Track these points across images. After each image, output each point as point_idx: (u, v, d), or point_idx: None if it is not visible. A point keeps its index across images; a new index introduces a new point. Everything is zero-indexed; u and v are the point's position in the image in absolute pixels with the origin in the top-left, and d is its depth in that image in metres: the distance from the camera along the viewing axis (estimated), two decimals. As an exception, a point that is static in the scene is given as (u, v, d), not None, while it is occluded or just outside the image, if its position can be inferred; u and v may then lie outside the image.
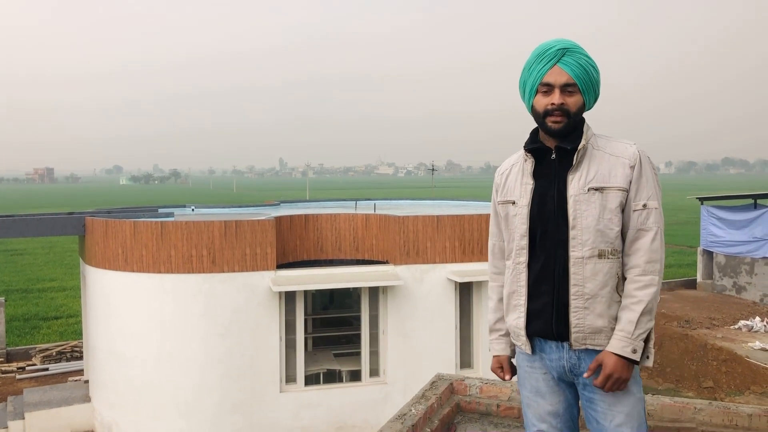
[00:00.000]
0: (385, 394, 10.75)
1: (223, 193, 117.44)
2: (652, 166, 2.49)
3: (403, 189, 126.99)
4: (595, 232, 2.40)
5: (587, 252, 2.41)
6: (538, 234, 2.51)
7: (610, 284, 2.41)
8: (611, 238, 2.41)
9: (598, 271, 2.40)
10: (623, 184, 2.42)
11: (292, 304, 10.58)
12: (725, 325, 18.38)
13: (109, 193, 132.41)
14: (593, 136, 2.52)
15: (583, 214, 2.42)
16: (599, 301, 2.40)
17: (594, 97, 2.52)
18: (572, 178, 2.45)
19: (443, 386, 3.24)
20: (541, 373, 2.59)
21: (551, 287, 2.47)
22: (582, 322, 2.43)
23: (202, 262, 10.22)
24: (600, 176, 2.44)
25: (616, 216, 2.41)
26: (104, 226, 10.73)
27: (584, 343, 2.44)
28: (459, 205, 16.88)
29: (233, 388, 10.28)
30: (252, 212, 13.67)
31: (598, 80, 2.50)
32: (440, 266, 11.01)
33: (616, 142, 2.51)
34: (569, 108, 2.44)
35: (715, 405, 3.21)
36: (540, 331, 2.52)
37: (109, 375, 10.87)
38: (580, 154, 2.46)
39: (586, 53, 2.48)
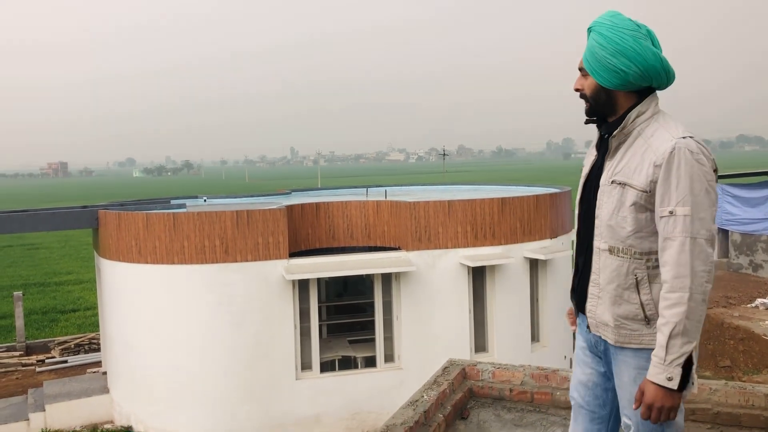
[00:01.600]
0: (401, 380, 10.78)
1: (235, 183, 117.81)
2: (694, 164, 2.16)
3: (414, 175, 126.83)
4: (607, 227, 2.34)
5: (603, 244, 2.36)
6: (585, 210, 2.50)
7: (617, 282, 2.32)
8: (622, 237, 2.29)
9: (608, 266, 2.34)
10: (643, 183, 2.24)
11: (306, 292, 10.61)
12: (742, 304, 18.25)
13: (123, 185, 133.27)
14: (648, 121, 2.30)
15: (603, 206, 2.36)
16: (606, 296, 2.36)
17: (613, 75, 2.28)
18: (607, 165, 2.38)
19: (455, 371, 3.22)
20: (579, 340, 2.62)
21: (581, 266, 2.50)
22: (594, 310, 2.42)
23: (215, 252, 10.26)
24: (626, 170, 2.30)
25: (631, 215, 2.27)
26: (117, 219, 10.78)
27: (597, 330, 2.43)
28: (471, 189, 16.80)
29: (249, 377, 10.35)
30: (263, 201, 13.68)
31: (605, 56, 2.27)
32: (452, 251, 10.98)
33: (664, 130, 2.25)
34: (585, 91, 2.38)
35: (731, 385, 3.17)
36: (574, 300, 2.58)
37: (126, 366, 10.98)
38: (616, 141, 2.35)
39: (602, 29, 2.30)
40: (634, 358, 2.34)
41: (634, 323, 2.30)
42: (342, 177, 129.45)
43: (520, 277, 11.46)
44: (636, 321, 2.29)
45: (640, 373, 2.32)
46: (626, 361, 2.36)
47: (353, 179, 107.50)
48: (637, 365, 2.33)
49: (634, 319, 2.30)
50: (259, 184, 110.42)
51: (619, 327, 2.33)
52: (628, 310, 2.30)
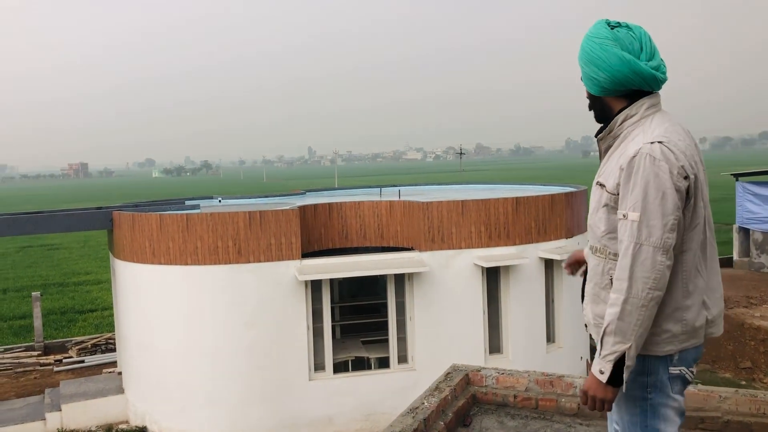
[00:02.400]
0: (414, 381, 10.70)
1: (253, 183, 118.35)
2: (651, 171, 2.16)
3: (431, 174, 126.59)
4: (589, 226, 2.44)
5: (588, 245, 2.47)
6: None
7: (594, 281, 2.39)
8: (598, 236, 2.37)
9: (590, 265, 2.44)
10: (612, 186, 2.28)
11: (319, 292, 10.58)
12: (763, 304, 17.95)
13: (142, 186, 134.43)
14: (635, 124, 2.32)
15: (590, 206, 2.45)
16: (588, 295, 2.44)
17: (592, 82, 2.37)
18: (600, 167, 2.47)
19: (458, 377, 3.16)
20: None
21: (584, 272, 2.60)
22: (584, 309, 2.50)
23: (228, 253, 10.26)
24: (606, 172, 2.37)
25: (604, 216, 2.33)
26: (131, 220, 10.83)
27: (589, 331, 2.49)
28: (486, 188, 16.69)
29: (263, 378, 10.34)
30: (277, 202, 13.69)
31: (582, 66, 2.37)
32: (466, 252, 10.89)
33: (642, 134, 2.27)
34: (588, 98, 2.46)
35: (741, 393, 3.08)
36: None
37: (141, 366, 11.03)
38: (605, 144, 2.42)
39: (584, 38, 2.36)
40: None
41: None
42: (359, 176, 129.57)
43: (535, 278, 11.35)
44: None
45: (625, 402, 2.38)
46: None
47: (370, 178, 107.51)
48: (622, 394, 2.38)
49: None
50: (276, 183, 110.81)
51: (597, 326, 2.38)
52: (603, 309, 2.34)
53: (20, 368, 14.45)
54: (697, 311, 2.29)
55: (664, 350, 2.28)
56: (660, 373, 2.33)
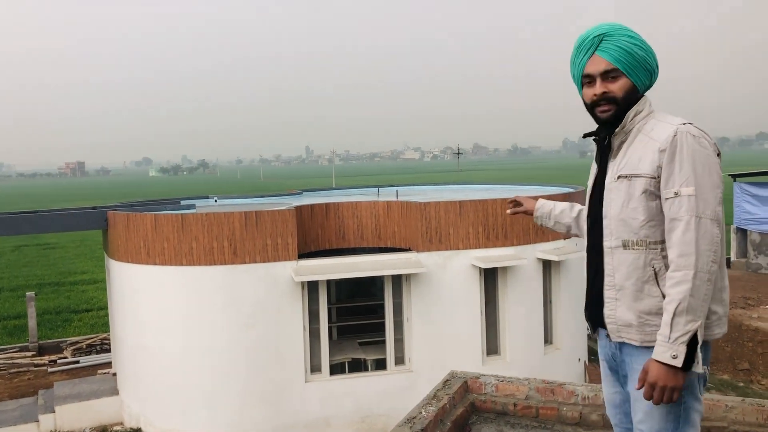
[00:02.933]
0: (411, 382, 10.64)
1: (250, 183, 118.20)
2: (696, 146, 2.22)
3: (429, 174, 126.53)
4: (618, 221, 2.35)
5: (614, 242, 2.37)
6: (592, 221, 2.53)
7: (636, 276, 2.31)
8: (635, 228, 2.31)
9: (623, 262, 2.34)
10: (649, 170, 2.27)
11: (315, 293, 10.50)
12: (761, 305, 17.91)
13: (139, 185, 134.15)
14: (645, 119, 2.37)
15: (612, 203, 2.38)
16: (626, 294, 2.34)
17: (646, 75, 2.38)
18: (610, 165, 2.42)
19: (457, 384, 3.08)
20: (601, 359, 2.62)
21: (593, 275, 2.50)
22: (614, 314, 2.39)
23: (224, 253, 10.17)
24: (630, 163, 2.34)
25: (641, 204, 2.29)
26: (126, 220, 10.73)
27: (619, 336, 2.39)
28: (483, 189, 16.63)
29: (259, 379, 10.26)
30: (273, 202, 13.60)
31: (645, 57, 2.34)
32: (463, 252, 10.82)
33: (664, 122, 2.32)
34: (615, 95, 2.36)
35: (748, 402, 3.00)
36: (589, 317, 2.57)
37: (136, 368, 10.93)
38: (618, 140, 2.40)
39: (629, 32, 2.35)
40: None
41: (657, 318, 2.27)
42: (357, 176, 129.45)
43: (533, 279, 11.28)
44: (659, 315, 2.27)
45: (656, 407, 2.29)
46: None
47: (368, 178, 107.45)
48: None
49: (657, 314, 2.28)
50: (274, 183, 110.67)
51: (643, 324, 2.31)
52: (650, 304, 2.29)
53: (14, 369, 14.33)
54: (728, 292, 2.32)
55: (714, 333, 2.28)
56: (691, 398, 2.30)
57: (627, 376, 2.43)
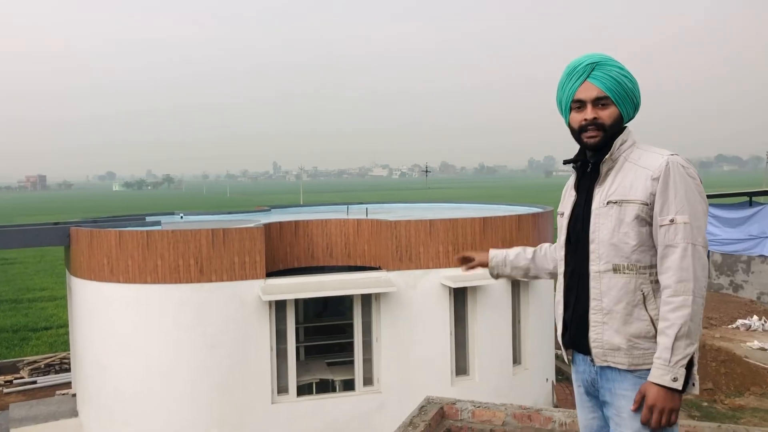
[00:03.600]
0: (380, 403, 10.52)
1: (216, 199, 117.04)
2: (687, 177, 2.31)
3: (397, 191, 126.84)
4: (609, 246, 2.37)
5: (603, 266, 2.39)
6: (572, 246, 2.55)
7: (626, 300, 2.34)
8: (626, 252, 2.34)
9: (613, 286, 2.36)
10: (642, 197, 2.33)
11: (283, 312, 10.34)
12: (723, 325, 18.23)
13: (102, 199, 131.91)
14: (631, 148, 2.45)
15: (601, 228, 2.41)
16: (615, 317, 2.36)
17: (632, 106, 2.46)
18: (597, 191, 2.46)
19: (433, 411, 3.02)
20: (576, 385, 2.61)
21: (575, 300, 2.50)
22: (600, 338, 2.40)
23: (190, 271, 9.97)
24: (621, 189, 2.39)
25: (633, 230, 2.34)
26: (89, 236, 10.47)
27: (605, 360, 2.40)
28: (453, 207, 16.67)
29: (224, 400, 10.03)
30: (241, 219, 13.43)
31: (633, 89, 2.44)
32: (434, 271, 10.78)
33: (651, 152, 2.40)
34: (603, 121, 2.43)
35: (724, 428, 2.99)
36: (568, 342, 2.56)
37: (97, 388, 10.61)
38: (606, 167, 2.44)
39: (619, 65, 2.43)
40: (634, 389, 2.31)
41: (646, 341, 2.30)
42: (325, 192, 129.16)
43: (502, 298, 11.29)
44: (647, 339, 2.30)
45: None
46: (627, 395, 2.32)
47: (336, 195, 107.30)
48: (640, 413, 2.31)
49: (645, 337, 2.31)
50: (240, 199, 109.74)
51: (632, 348, 2.33)
52: (639, 328, 2.33)
53: (-32, 390, 13.81)
54: None
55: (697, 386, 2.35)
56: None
57: (607, 401, 2.42)
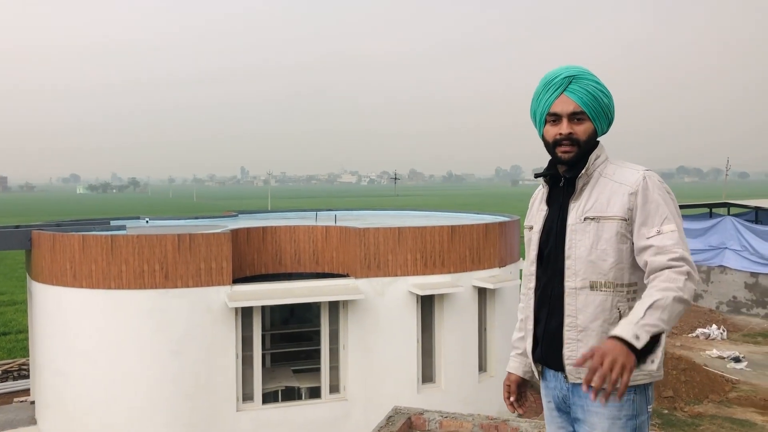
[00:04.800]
0: (346, 411, 10.49)
1: (183, 203, 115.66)
2: (664, 191, 2.32)
3: (366, 198, 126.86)
4: (587, 262, 2.34)
5: (579, 283, 2.35)
6: (544, 261, 2.50)
7: (602, 318, 2.31)
8: (604, 270, 2.31)
9: (590, 303, 2.33)
10: (621, 213, 2.31)
11: (249, 319, 10.26)
12: (683, 334, 18.61)
13: (66, 202, 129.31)
14: (605, 163, 2.44)
15: (578, 244, 2.37)
16: (590, 334, 2.33)
17: (607, 122, 2.45)
18: (573, 206, 2.42)
19: (401, 421, 3.02)
20: (546, 401, 2.57)
21: (546, 315, 2.45)
22: (574, 354, 2.36)
23: (155, 277, 9.84)
24: (598, 205, 2.36)
25: (612, 247, 2.31)
26: (51, 240, 10.27)
27: (578, 377, 2.36)
28: (421, 215, 16.74)
29: (188, 408, 9.90)
30: (208, 224, 13.30)
31: (608, 105, 2.42)
32: (402, 279, 10.81)
33: (626, 168, 2.40)
34: (578, 137, 2.39)
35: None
36: (539, 358, 2.51)
37: (57, 395, 10.38)
38: (581, 182, 2.41)
39: (596, 79, 2.41)
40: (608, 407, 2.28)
41: None
42: (293, 198, 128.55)
43: (469, 306, 11.36)
44: None
45: (614, 423, 2.29)
46: (599, 411, 2.31)
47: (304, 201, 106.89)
48: (611, 415, 2.29)
49: None
50: (207, 204, 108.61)
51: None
52: None
53: None
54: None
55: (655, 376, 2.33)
56: (644, 413, 2.35)
57: (579, 417, 2.40)
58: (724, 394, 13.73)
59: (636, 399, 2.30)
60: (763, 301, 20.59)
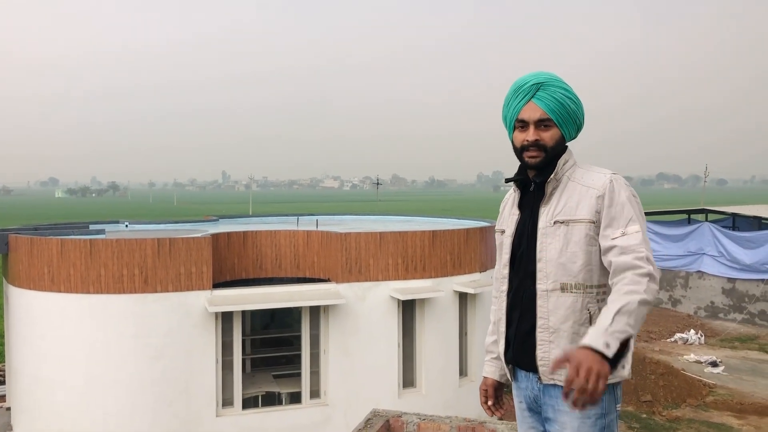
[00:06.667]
0: (326, 416, 10.47)
1: (163, 207, 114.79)
2: (629, 194, 2.36)
3: (348, 203, 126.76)
4: (557, 265, 2.39)
5: (550, 285, 2.40)
6: (516, 264, 2.54)
7: (572, 319, 2.37)
8: (574, 272, 2.37)
9: (560, 305, 2.38)
10: (588, 215, 2.37)
11: (230, 324, 10.22)
12: (662, 338, 18.80)
13: (44, 206, 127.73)
14: (573, 168, 2.49)
15: (548, 247, 2.42)
16: (562, 336, 2.38)
17: (575, 128, 2.50)
18: (543, 210, 2.47)
19: (379, 423, 3.04)
20: (518, 401, 2.61)
21: (518, 317, 2.50)
22: (547, 356, 2.41)
23: (134, 281, 9.77)
24: (567, 209, 2.41)
25: (581, 249, 2.36)
26: (29, 244, 10.16)
27: (551, 378, 2.41)
28: (403, 220, 16.78)
29: (167, 413, 9.83)
30: (188, 229, 13.23)
31: (576, 111, 2.46)
32: (383, 284, 10.83)
33: (593, 172, 2.45)
34: (545, 143, 2.45)
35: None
36: (511, 359, 2.55)
37: (34, 401, 10.26)
38: (551, 187, 2.46)
39: (564, 85, 2.45)
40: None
41: None
42: (275, 203, 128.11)
43: (450, 311, 11.41)
44: None
45: (584, 422, 2.33)
46: (569, 411, 2.34)
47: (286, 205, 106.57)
48: (580, 414, 2.32)
49: None
50: (188, 208, 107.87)
51: None
52: None
53: None
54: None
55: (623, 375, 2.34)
56: (612, 412, 2.38)
57: (550, 417, 2.44)
58: (702, 399, 13.88)
59: (605, 398, 2.34)
60: (740, 307, 20.87)
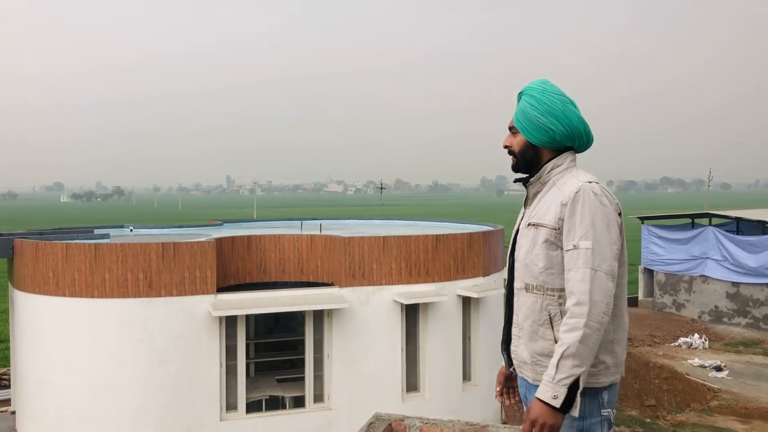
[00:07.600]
0: (330, 421, 10.49)
1: (168, 212, 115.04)
2: (597, 204, 2.34)
3: (352, 207, 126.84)
4: (523, 265, 2.50)
5: (519, 283, 2.53)
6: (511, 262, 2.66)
7: (532, 318, 2.46)
8: (535, 273, 2.45)
9: (523, 304, 2.50)
10: (552, 222, 2.41)
11: (233, 328, 10.25)
12: (666, 343, 18.76)
13: (49, 211, 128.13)
14: (563, 172, 2.51)
15: (521, 247, 2.54)
16: (524, 333, 2.49)
17: (542, 132, 2.50)
18: (526, 212, 2.59)
19: (381, 427, 3.05)
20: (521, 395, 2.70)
21: (508, 314, 2.63)
22: (516, 350, 2.55)
23: (138, 286, 9.81)
24: (539, 212, 2.49)
25: (543, 252, 2.43)
26: (34, 249, 10.21)
27: (521, 372, 2.55)
28: (407, 224, 16.80)
29: (171, 418, 9.86)
30: (193, 233, 13.28)
31: (537, 117, 2.48)
32: (386, 288, 10.85)
33: (573, 179, 2.46)
34: (513, 148, 2.57)
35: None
36: (504, 352, 2.69)
37: (39, 406, 10.30)
38: (533, 190, 2.56)
39: (534, 93, 2.52)
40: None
41: (548, 359, 2.37)
42: (279, 207, 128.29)
43: (453, 315, 11.42)
44: (549, 357, 2.35)
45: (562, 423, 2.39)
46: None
47: (290, 210, 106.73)
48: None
49: (548, 356, 2.37)
50: (192, 213, 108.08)
51: (535, 364, 2.45)
52: (542, 346, 2.42)
53: None
54: (624, 345, 2.44)
55: (599, 382, 2.37)
56: (593, 416, 2.39)
57: None
58: (706, 403, 13.85)
59: (585, 401, 2.34)
60: (744, 311, 20.82)
